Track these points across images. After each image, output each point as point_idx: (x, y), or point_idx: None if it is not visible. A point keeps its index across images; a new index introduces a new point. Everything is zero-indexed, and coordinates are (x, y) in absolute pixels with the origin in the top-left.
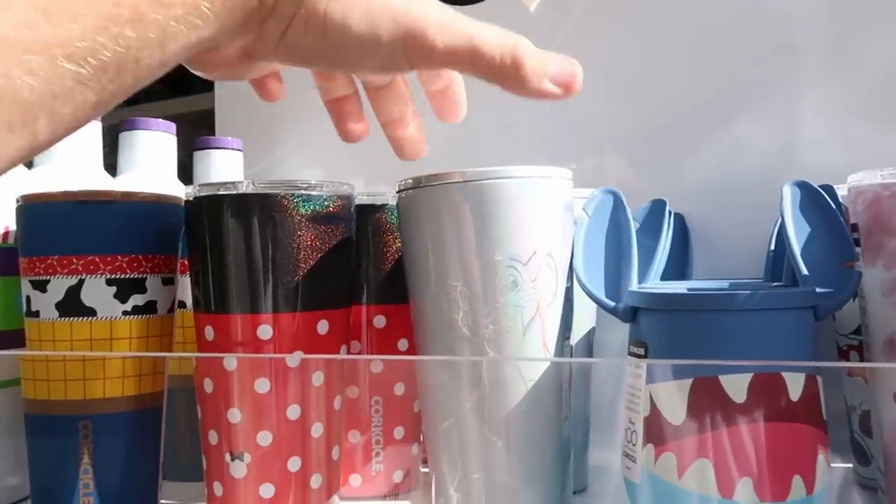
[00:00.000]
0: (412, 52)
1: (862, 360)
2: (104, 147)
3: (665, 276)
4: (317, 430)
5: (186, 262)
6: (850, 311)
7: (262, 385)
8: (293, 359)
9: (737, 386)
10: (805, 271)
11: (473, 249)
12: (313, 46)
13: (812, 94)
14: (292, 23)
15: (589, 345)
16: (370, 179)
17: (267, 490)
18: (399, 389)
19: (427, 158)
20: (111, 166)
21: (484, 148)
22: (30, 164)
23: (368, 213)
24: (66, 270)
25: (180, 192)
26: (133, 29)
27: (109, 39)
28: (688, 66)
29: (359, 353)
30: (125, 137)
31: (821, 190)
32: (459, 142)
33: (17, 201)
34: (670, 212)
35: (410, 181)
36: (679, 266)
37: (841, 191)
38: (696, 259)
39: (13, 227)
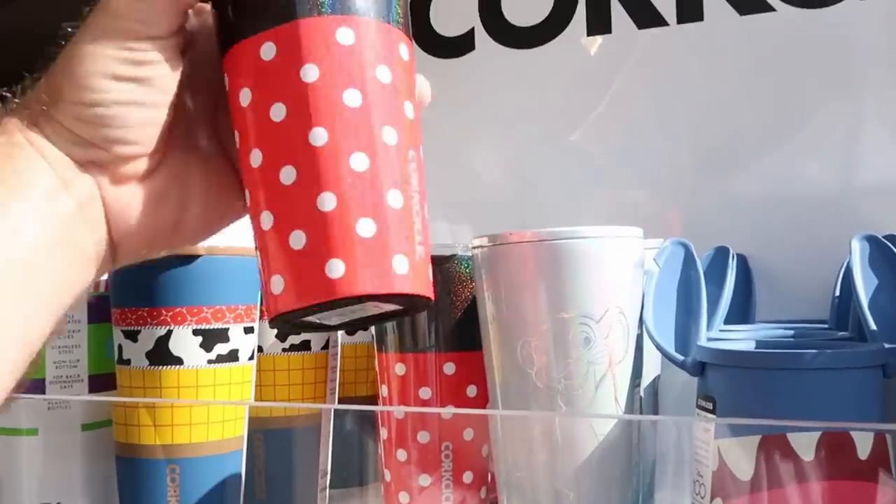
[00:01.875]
0: None
1: None
2: None
3: (728, 319)
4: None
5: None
6: None
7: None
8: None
9: (805, 444)
10: (874, 327)
11: (548, 307)
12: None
13: (873, 130)
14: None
15: (655, 390)
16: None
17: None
18: (468, 435)
19: (494, 212)
20: None
21: (547, 200)
22: None
23: (438, 263)
24: (155, 321)
25: None
26: None
27: None
28: (746, 104)
29: (429, 400)
30: None
31: (889, 244)
32: (525, 195)
33: None
34: (734, 256)
35: (486, 239)
36: (742, 308)
37: None
38: (760, 298)
39: (104, 276)
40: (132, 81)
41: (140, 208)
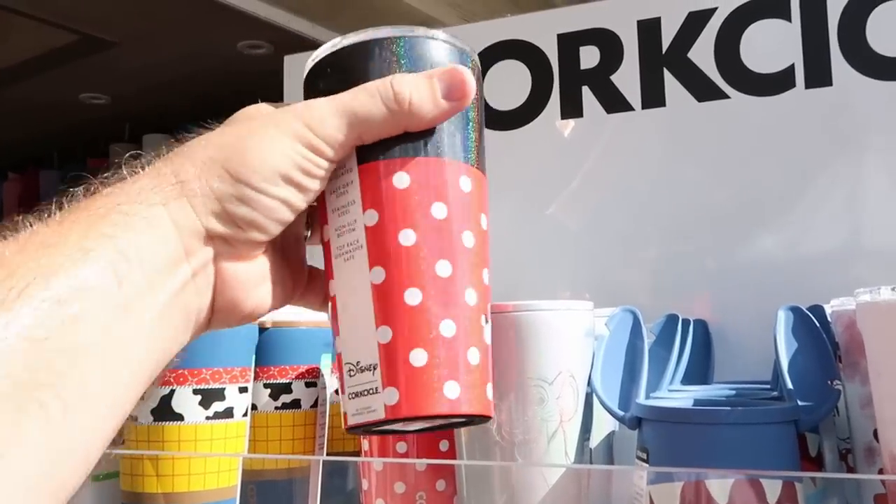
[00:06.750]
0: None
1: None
2: None
3: (687, 380)
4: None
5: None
6: (844, 417)
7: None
8: None
9: (720, 490)
10: (790, 386)
11: (508, 370)
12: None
13: (825, 213)
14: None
15: (609, 445)
16: None
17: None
18: (440, 486)
19: None
20: None
21: (523, 268)
22: None
23: None
24: (160, 382)
25: None
26: None
27: None
28: (705, 181)
29: (405, 453)
30: None
31: (810, 314)
32: (504, 263)
33: None
34: (687, 321)
35: None
36: (701, 370)
37: None
38: (723, 361)
39: None
40: (296, 187)
41: (244, 283)
